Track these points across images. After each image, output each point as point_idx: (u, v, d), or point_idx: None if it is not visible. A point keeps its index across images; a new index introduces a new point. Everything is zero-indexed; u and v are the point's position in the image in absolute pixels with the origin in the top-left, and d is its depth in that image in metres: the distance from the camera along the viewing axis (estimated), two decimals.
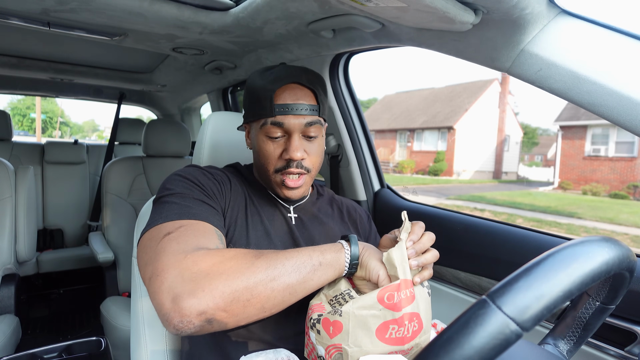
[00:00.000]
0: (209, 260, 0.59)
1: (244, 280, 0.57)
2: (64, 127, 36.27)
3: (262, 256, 0.61)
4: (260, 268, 0.59)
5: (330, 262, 0.64)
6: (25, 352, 1.33)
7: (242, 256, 0.61)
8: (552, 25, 0.76)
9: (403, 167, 20.50)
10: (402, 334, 0.60)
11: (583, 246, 0.38)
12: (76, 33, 1.36)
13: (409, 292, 0.62)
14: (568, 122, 15.07)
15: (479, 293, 1.14)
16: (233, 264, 0.59)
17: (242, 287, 0.57)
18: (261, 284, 0.58)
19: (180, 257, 0.59)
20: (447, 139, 19.91)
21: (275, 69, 0.82)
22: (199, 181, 0.77)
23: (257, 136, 0.82)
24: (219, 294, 0.55)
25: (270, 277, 0.59)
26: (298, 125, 0.79)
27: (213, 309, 0.55)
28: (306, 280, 0.62)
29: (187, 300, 0.54)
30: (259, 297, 0.58)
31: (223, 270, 0.57)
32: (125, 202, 2.13)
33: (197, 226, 0.67)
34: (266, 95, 0.78)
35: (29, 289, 2.56)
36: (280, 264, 0.60)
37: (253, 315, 0.59)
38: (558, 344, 0.59)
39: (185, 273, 0.57)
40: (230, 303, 0.56)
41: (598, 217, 10.11)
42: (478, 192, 14.81)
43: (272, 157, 0.81)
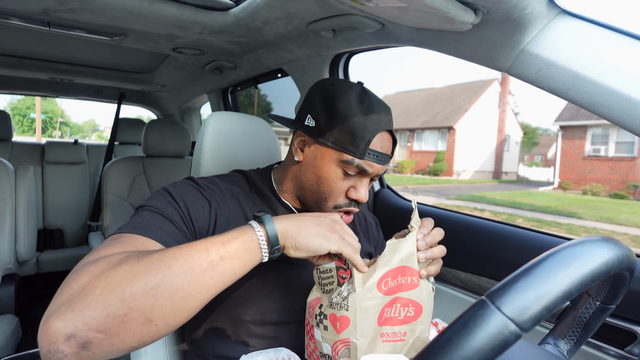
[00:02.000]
0: (92, 272, 0.51)
1: (119, 292, 0.48)
2: (64, 127, 36.28)
3: (145, 259, 0.52)
4: (140, 275, 0.50)
5: (236, 254, 0.55)
6: (25, 352, 1.33)
7: (124, 262, 0.52)
8: (552, 25, 0.76)
9: (403, 167, 20.50)
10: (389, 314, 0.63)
11: (583, 246, 0.38)
12: (76, 33, 1.36)
13: (409, 280, 0.64)
14: (568, 122, 15.08)
15: (479, 293, 1.14)
16: (111, 272, 0.50)
17: (116, 300, 0.48)
18: (140, 294, 0.48)
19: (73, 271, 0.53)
20: (447, 139, 19.91)
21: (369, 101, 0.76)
22: (183, 201, 0.72)
23: (329, 165, 0.76)
24: (89, 312, 0.47)
25: (151, 285, 0.49)
26: (378, 172, 0.77)
27: (84, 331, 0.46)
28: (203, 280, 0.52)
29: (54, 323, 0.46)
30: (139, 309, 0.48)
31: (99, 284, 0.49)
32: (125, 202, 2.13)
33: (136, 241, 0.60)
34: (364, 136, 0.72)
35: (29, 289, 2.56)
36: (166, 266, 0.51)
37: (142, 332, 0.49)
38: (558, 344, 0.59)
39: (64, 291, 0.49)
40: (104, 321, 0.47)
41: (598, 217, 10.11)
42: (478, 192, 14.81)
43: (340, 191, 0.77)
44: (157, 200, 0.71)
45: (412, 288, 0.64)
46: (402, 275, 0.64)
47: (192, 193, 0.75)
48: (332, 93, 0.76)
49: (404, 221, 0.68)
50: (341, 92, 0.76)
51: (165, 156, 2.24)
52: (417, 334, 0.65)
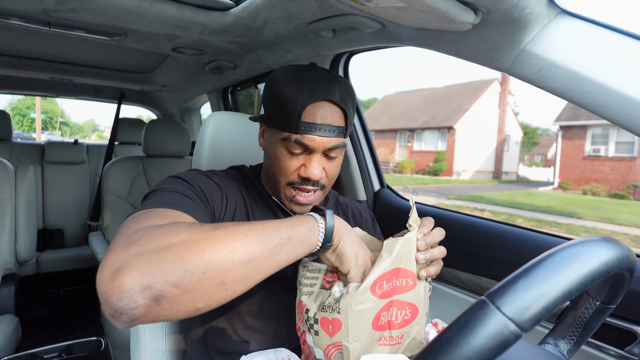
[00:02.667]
0: (159, 232, 0.51)
1: (198, 250, 0.49)
2: (64, 127, 36.27)
3: (220, 227, 0.53)
4: (218, 238, 0.51)
5: (301, 239, 0.58)
6: (25, 352, 1.33)
7: (197, 227, 0.53)
8: (552, 25, 0.76)
9: (403, 167, 20.50)
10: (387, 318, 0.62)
11: (583, 246, 0.38)
12: (76, 33, 1.36)
13: (404, 282, 0.63)
14: (568, 122, 15.08)
15: (479, 293, 1.14)
16: (186, 234, 0.51)
17: (196, 258, 0.48)
18: (218, 255, 0.50)
19: (131, 232, 0.52)
20: (447, 139, 19.91)
21: (306, 75, 0.74)
22: (193, 181, 0.73)
23: (276, 146, 0.77)
24: (168, 265, 0.47)
25: (229, 248, 0.51)
26: (322, 146, 0.74)
27: (161, 283, 0.46)
28: (273, 255, 0.55)
29: (129, 272, 0.45)
30: (216, 270, 0.49)
31: (174, 242, 0.49)
32: (125, 202, 2.13)
33: (168, 212, 0.60)
34: (295, 110, 0.71)
35: (29, 289, 2.56)
36: (243, 235, 0.53)
37: (212, 294, 0.50)
38: (558, 344, 0.59)
39: (131, 247, 0.49)
40: (182, 276, 0.47)
41: (598, 217, 10.11)
42: (478, 192, 14.81)
43: (288, 170, 0.76)
44: (170, 183, 0.70)
45: (408, 290, 0.63)
46: (397, 277, 0.62)
47: (203, 178, 0.76)
48: (273, 77, 0.78)
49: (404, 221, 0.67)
50: (281, 73, 0.77)
51: (165, 156, 2.24)
52: (413, 335, 0.64)
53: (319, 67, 0.78)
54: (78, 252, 2.65)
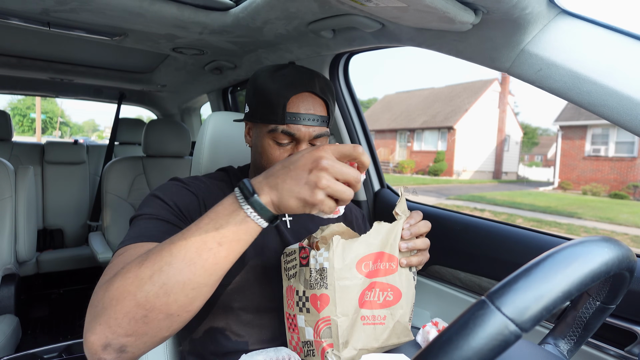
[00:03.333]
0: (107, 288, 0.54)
1: (132, 299, 0.51)
2: (64, 127, 36.27)
3: (145, 262, 0.53)
4: (144, 278, 0.51)
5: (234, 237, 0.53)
6: (25, 352, 1.33)
7: (127, 270, 0.54)
8: (552, 25, 0.76)
9: (403, 167, 20.50)
10: (370, 297, 0.65)
11: (583, 246, 0.38)
12: (76, 33, 1.36)
13: (387, 265, 0.67)
14: (568, 122, 15.08)
15: (479, 293, 1.14)
16: (121, 283, 0.52)
17: (132, 306, 0.51)
18: (151, 295, 0.50)
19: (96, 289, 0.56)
20: (447, 139, 19.91)
21: (286, 71, 0.79)
22: (172, 200, 0.75)
23: (263, 139, 0.80)
24: (113, 322, 0.51)
25: (159, 284, 0.51)
26: (308, 135, 0.78)
27: (115, 339, 0.51)
28: (208, 268, 0.52)
29: (90, 337, 0.51)
30: (155, 309, 0.51)
31: (114, 295, 0.52)
32: (125, 202, 2.14)
33: (140, 249, 0.62)
34: (279, 102, 0.76)
35: (29, 289, 2.56)
36: (167, 265, 0.51)
37: (166, 325, 0.52)
38: (558, 344, 0.59)
39: (91, 309, 0.54)
40: (127, 326, 0.50)
41: (598, 217, 10.11)
42: (478, 192, 14.81)
43: (276, 161, 0.79)
44: (148, 206, 0.74)
45: (390, 273, 0.67)
46: (381, 260, 0.67)
47: (178, 191, 0.78)
48: (255, 75, 0.82)
49: None
50: (261, 72, 0.81)
51: (165, 156, 2.24)
52: (397, 319, 0.67)
53: (298, 65, 0.83)
54: (78, 252, 2.65)
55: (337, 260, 0.64)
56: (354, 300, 0.64)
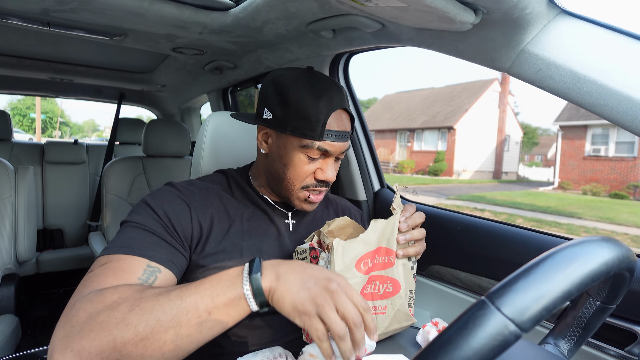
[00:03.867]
0: (88, 309, 0.54)
1: (111, 339, 0.51)
2: (64, 127, 36.27)
3: (136, 308, 0.53)
4: (130, 325, 0.51)
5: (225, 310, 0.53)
6: (25, 352, 1.33)
7: (117, 305, 0.54)
8: (552, 25, 0.76)
9: (403, 167, 20.50)
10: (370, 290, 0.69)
11: (583, 246, 0.38)
12: (76, 33, 1.36)
13: (384, 259, 0.71)
14: (568, 122, 15.08)
15: (479, 293, 1.14)
16: (104, 317, 0.52)
17: (109, 347, 0.51)
18: (130, 344, 0.51)
19: (71, 305, 0.56)
20: (447, 139, 19.90)
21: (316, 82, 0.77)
22: (163, 210, 0.74)
23: (292, 151, 0.78)
24: (86, 354, 0.51)
25: (140, 336, 0.51)
26: (339, 150, 0.79)
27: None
28: (192, 335, 0.53)
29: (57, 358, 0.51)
30: (130, 357, 0.51)
31: (93, 326, 0.52)
32: (125, 202, 2.13)
33: (121, 262, 0.64)
34: (319, 119, 0.74)
35: (29, 289, 2.56)
36: (155, 320, 0.52)
37: None
38: (558, 344, 0.59)
39: (66, 326, 0.54)
40: None
41: (598, 217, 10.10)
42: (478, 192, 14.80)
43: (305, 174, 0.79)
44: (138, 214, 0.73)
45: (388, 266, 0.71)
46: (379, 255, 0.71)
47: (171, 200, 0.77)
48: (283, 83, 0.78)
49: None
50: (291, 81, 0.78)
51: (165, 156, 2.24)
52: (398, 307, 0.72)
53: (318, 71, 0.82)
54: (78, 252, 2.65)
55: (338, 262, 0.68)
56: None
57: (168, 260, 0.69)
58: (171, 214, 0.74)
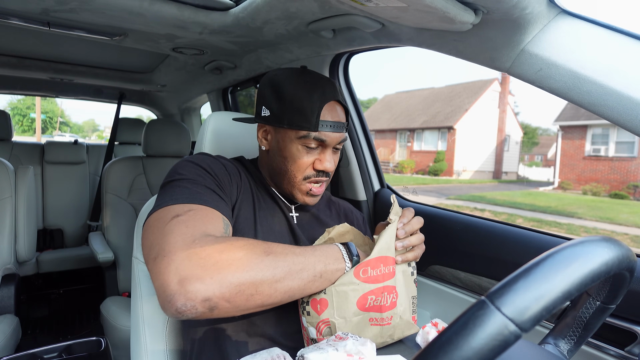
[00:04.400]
0: (217, 247, 0.59)
1: (252, 275, 0.59)
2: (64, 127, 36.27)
3: (271, 253, 0.62)
4: (269, 266, 0.60)
5: (330, 276, 0.67)
6: (25, 352, 1.33)
7: (251, 248, 0.61)
8: (552, 25, 0.76)
9: (403, 167, 20.50)
10: (379, 302, 0.69)
11: (583, 246, 0.38)
12: (76, 33, 1.36)
13: (388, 269, 0.70)
14: (568, 122, 15.07)
15: (479, 293, 1.14)
16: (242, 255, 0.60)
17: (248, 281, 0.58)
18: (266, 283, 0.60)
19: (188, 240, 0.59)
20: (447, 139, 19.90)
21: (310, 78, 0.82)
22: (211, 169, 0.78)
23: (291, 144, 0.82)
24: (227, 284, 0.57)
25: (276, 278, 0.61)
26: (335, 141, 0.83)
27: (218, 298, 0.56)
28: (305, 288, 0.65)
29: (195, 284, 0.55)
30: (262, 295, 0.60)
31: (232, 261, 0.58)
32: (125, 202, 2.13)
33: (205, 212, 0.67)
34: (313, 110, 0.78)
35: (29, 289, 2.56)
36: (287, 267, 0.62)
37: (252, 309, 0.61)
38: (558, 344, 0.59)
39: (193, 257, 0.57)
40: (235, 295, 0.57)
41: (598, 217, 10.11)
42: (478, 192, 14.80)
43: (305, 165, 0.83)
44: (189, 171, 0.75)
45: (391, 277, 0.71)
46: (385, 264, 0.70)
47: (215, 163, 0.81)
48: (277, 81, 0.83)
49: None
50: (285, 78, 0.82)
51: (165, 156, 2.24)
52: (400, 315, 0.72)
53: (311, 70, 0.86)
54: (78, 252, 2.65)
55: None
56: (351, 304, 0.68)
57: (230, 216, 0.74)
58: (219, 174, 0.79)
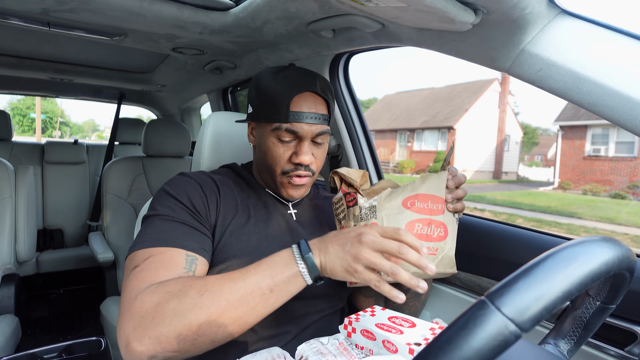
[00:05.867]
0: (154, 300, 0.60)
1: (186, 322, 0.57)
2: (64, 127, 36.27)
3: (206, 291, 0.60)
4: (203, 307, 0.58)
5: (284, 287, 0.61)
6: (25, 352, 1.33)
7: (185, 292, 0.60)
8: (552, 25, 0.76)
9: (403, 167, 20.49)
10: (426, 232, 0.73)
11: (583, 246, 0.38)
12: (76, 33, 1.36)
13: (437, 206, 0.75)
14: (568, 122, 15.07)
15: (479, 293, 1.14)
16: (175, 304, 0.59)
17: (186, 328, 0.57)
18: (205, 324, 0.58)
19: (133, 296, 0.62)
20: (447, 139, 19.90)
21: (288, 72, 0.83)
22: (186, 196, 0.78)
23: (267, 137, 0.83)
24: (165, 339, 0.57)
25: (214, 316, 0.58)
26: (310, 132, 0.81)
27: (163, 351, 0.57)
28: (257, 310, 0.60)
29: (137, 347, 0.57)
30: (205, 335, 0.58)
31: (166, 313, 0.58)
32: (125, 202, 2.13)
33: (164, 255, 0.69)
34: (283, 102, 0.79)
35: (29, 289, 2.56)
36: (225, 300, 0.59)
37: (207, 347, 0.60)
38: (558, 344, 0.59)
39: (134, 317, 0.60)
40: (178, 344, 0.57)
41: (598, 217, 10.10)
42: (478, 192, 14.80)
43: (282, 159, 0.83)
44: (162, 205, 0.77)
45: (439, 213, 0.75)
46: (433, 202, 0.75)
47: (190, 187, 0.80)
48: (259, 78, 0.86)
49: None
50: (265, 74, 0.85)
51: (165, 156, 2.24)
52: (446, 251, 0.75)
53: (298, 66, 0.86)
54: (78, 252, 2.65)
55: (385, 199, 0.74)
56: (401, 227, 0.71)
57: (201, 248, 0.73)
58: (194, 200, 0.78)
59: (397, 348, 0.60)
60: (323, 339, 0.68)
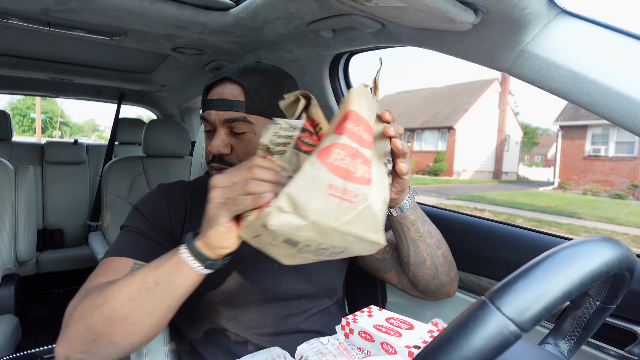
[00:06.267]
0: (74, 303, 0.63)
1: (84, 323, 0.58)
2: (64, 127, 36.27)
3: (102, 292, 0.59)
4: (97, 307, 0.58)
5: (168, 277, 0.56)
6: (25, 352, 1.33)
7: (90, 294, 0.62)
8: (552, 25, 0.76)
9: None
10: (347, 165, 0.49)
11: (583, 246, 0.38)
12: (76, 33, 1.36)
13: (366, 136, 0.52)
14: (568, 122, 15.08)
15: (479, 293, 1.14)
16: (81, 306, 0.61)
17: (84, 330, 0.58)
18: (99, 324, 0.57)
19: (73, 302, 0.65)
20: (447, 139, 19.90)
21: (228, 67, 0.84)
22: (150, 210, 0.80)
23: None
24: (72, 339, 0.59)
25: (105, 315, 0.57)
26: (218, 120, 0.77)
27: (72, 353, 0.60)
28: (145, 306, 0.56)
29: (57, 348, 0.61)
30: (102, 335, 0.57)
31: (74, 315, 0.61)
32: (125, 202, 2.13)
33: (112, 264, 0.71)
34: (203, 93, 0.82)
35: (29, 289, 2.56)
36: (113, 298, 0.57)
37: (113, 352, 0.59)
38: (558, 344, 0.59)
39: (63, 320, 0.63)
40: (81, 345, 0.59)
41: (598, 217, 10.11)
42: (478, 192, 14.80)
43: (205, 150, 0.84)
44: (129, 217, 0.80)
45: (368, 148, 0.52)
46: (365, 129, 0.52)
47: (155, 199, 0.83)
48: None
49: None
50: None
51: (165, 156, 2.24)
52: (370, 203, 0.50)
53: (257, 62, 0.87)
54: (78, 252, 2.65)
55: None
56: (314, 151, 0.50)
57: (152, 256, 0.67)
58: (156, 212, 0.80)
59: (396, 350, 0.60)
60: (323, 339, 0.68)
